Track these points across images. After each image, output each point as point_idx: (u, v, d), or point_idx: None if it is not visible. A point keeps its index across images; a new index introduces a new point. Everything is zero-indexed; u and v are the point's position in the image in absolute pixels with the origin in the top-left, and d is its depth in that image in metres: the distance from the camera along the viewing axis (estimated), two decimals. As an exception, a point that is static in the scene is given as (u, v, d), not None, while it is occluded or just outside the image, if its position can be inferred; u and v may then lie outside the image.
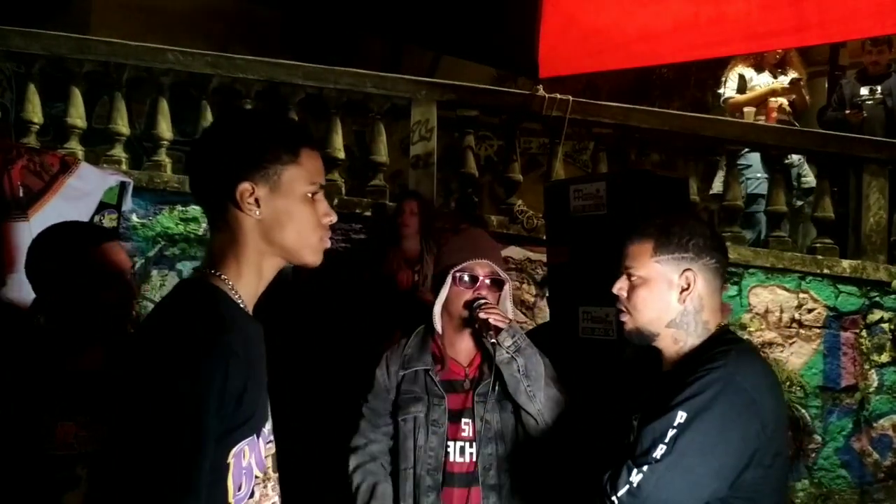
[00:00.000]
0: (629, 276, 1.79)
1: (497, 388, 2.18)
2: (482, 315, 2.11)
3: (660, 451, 1.58)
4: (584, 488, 1.75)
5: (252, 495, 1.28)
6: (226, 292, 1.30)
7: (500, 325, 2.10)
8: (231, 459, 1.22)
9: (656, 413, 1.62)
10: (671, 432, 1.58)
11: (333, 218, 1.37)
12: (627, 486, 1.59)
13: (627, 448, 1.67)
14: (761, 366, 1.73)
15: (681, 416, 1.58)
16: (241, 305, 1.32)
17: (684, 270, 1.73)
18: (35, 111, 4.69)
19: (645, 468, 1.58)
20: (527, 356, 2.11)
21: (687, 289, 1.73)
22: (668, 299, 1.74)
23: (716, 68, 6.29)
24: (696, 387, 1.60)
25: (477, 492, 2.14)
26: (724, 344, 1.70)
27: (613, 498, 1.61)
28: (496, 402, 2.17)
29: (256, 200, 1.29)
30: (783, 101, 5.68)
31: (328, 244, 1.37)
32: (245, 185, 1.28)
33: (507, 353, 2.10)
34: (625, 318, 1.81)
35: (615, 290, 1.82)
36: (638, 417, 1.72)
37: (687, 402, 1.59)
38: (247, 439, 1.25)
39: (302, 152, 1.33)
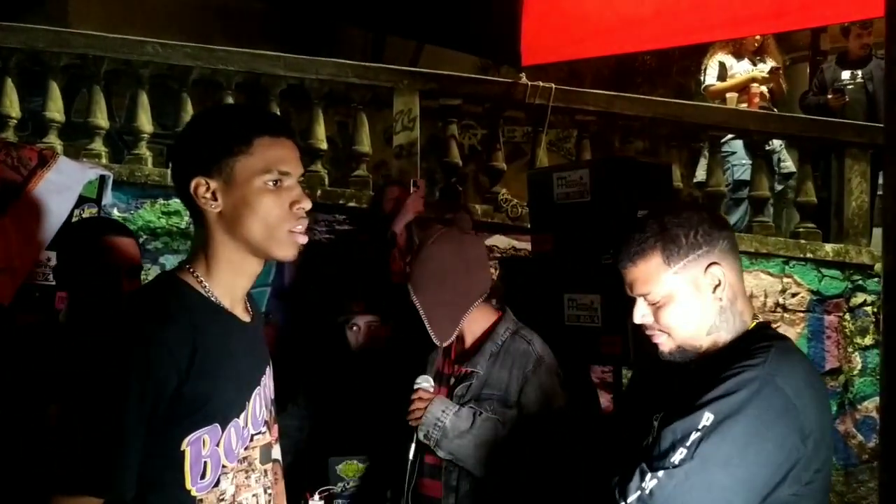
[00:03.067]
0: (648, 300, 1.55)
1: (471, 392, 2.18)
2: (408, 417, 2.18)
3: (679, 455, 1.38)
4: (594, 492, 1.57)
5: (217, 484, 1.30)
6: (191, 285, 1.33)
7: (414, 423, 2.16)
8: (186, 447, 1.26)
9: (680, 412, 1.43)
10: (694, 435, 1.37)
11: (306, 205, 1.35)
12: (639, 493, 1.40)
13: (644, 450, 1.48)
14: (806, 367, 1.50)
15: (707, 418, 1.37)
16: (212, 299, 1.33)
17: (708, 266, 1.51)
18: (13, 106, 4.62)
19: (660, 473, 1.38)
20: (446, 445, 2.11)
21: (718, 285, 1.51)
22: (701, 305, 1.51)
23: (699, 55, 6.31)
24: (729, 385, 1.39)
25: (440, 487, 2.17)
26: (763, 340, 1.49)
27: None
28: (467, 406, 2.17)
29: (213, 194, 1.31)
30: (763, 88, 5.70)
31: (303, 238, 1.35)
32: (198, 180, 1.30)
33: (429, 444, 2.14)
34: (659, 339, 1.56)
35: (637, 319, 1.57)
36: (659, 417, 1.53)
37: (716, 403, 1.38)
38: (204, 428, 1.28)
39: (255, 142, 1.31)
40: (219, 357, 1.30)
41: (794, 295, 4.93)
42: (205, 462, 1.28)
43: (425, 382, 2.21)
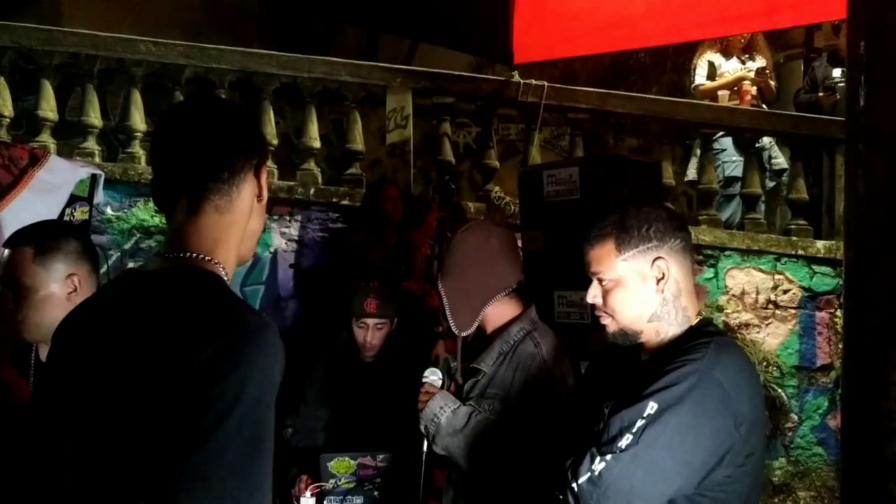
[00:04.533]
0: (600, 281, 1.71)
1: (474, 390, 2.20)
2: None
3: (626, 440, 1.51)
4: (548, 475, 1.67)
5: None
6: (224, 280, 1.22)
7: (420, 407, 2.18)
8: None
9: (628, 402, 1.57)
10: (639, 422, 1.51)
11: None
12: (589, 474, 1.52)
13: (594, 435, 1.61)
14: (741, 361, 1.64)
15: (651, 407, 1.52)
16: None
17: (655, 260, 1.66)
18: (6, 104, 4.63)
19: (608, 457, 1.52)
20: (439, 441, 2.13)
21: (662, 278, 1.65)
22: (645, 294, 1.66)
23: (693, 52, 6.31)
24: (671, 378, 1.54)
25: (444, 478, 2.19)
26: (704, 336, 1.63)
27: (574, 485, 1.54)
28: (467, 404, 2.18)
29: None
30: (753, 88, 5.71)
31: None
32: (265, 166, 1.29)
33: (426, 437, 2.17)
34: (605, 321, 1.72)
35: (589, 298, 1.73)
36: (610, 406, 1.65)
37: (659, 393, 1.53)
38: None
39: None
40: None
41: (785, 291, 4.96)
42: None
43: (433, 375, 2.21)
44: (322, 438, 3.25)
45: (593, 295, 1.72)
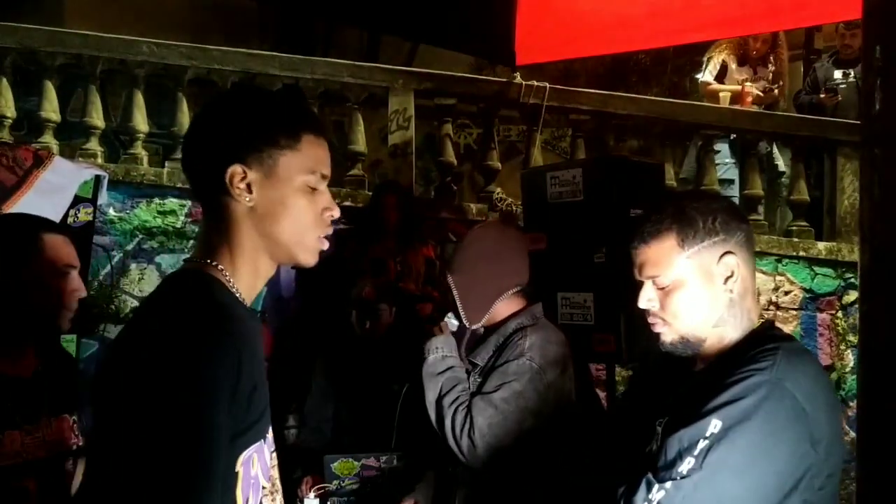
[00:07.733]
0: (656, 283, 1.48)
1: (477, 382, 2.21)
2: None
3: (687, 465, 1.32)
4: (600, 497, 1.50)
5: None
6: (223, 283, 1.19)
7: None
8: (240, 468, 1.11)
9: (685, 418, 1.37)
10: (702, 444, 1.31)
11: (336, 212, 1.25)
12: None
13: (649, 457, 1.43)
14: (815, 370, 1.43)
15: (715, 426, 1.32)
16: (240, 298, 1.21)
17: (722, 255, 1.44)
18: (8, 105, 4.62)
19: (668, 484, 1.33)
20: (423, 370, 2.25)
21: (731, 276, 1.44)
22: (712, 294, 1.44)
23: (693, 53, 6.30)
24: (736, 391, 1.33)
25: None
26: (769, 341, 1.41)
27: None
28: (457, 369, 2.25)
29: (248, 186, 1.17)
30: (756, 91, 5.69)
31: (325, 245, 1.25)
32: (236, 168, 1.16)
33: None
34: (661, 329, 1.49)
35: (643, 304, 1.49)
36: (663, 422, 1.46)
37: (723, 409, 1.32)
38: (254, 445, 1.14)
39: (304, 138, 1.20)
40: (258, 364, 1.18)
41: (787, 293, 4.96)
42: (252, 483, 1.15)
43: (452, 319, 2.29)
44: (329, 432, 3.26)
45: (648, 299, 1.49)
